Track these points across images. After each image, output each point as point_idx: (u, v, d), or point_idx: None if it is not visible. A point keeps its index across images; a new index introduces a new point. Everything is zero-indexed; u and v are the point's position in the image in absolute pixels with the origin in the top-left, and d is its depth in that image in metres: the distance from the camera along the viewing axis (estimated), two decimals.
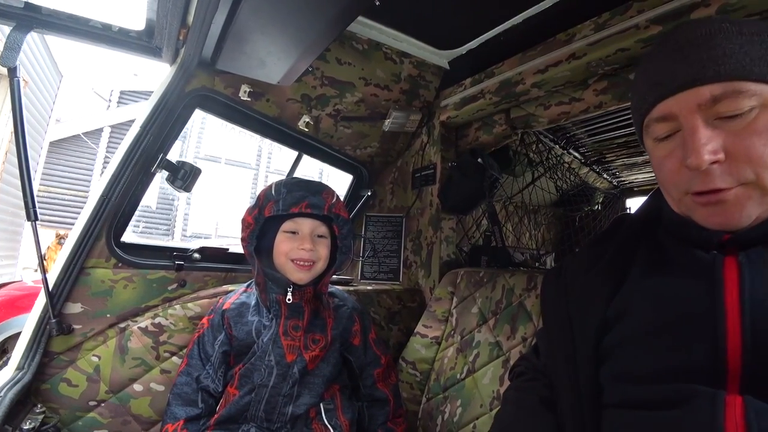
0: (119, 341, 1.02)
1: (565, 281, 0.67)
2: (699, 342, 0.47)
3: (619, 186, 2.73)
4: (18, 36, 0.86)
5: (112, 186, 1.03)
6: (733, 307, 0.46)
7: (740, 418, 0.42)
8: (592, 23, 1.03)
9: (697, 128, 0.48)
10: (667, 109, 0.51)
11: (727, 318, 0.45)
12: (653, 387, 0.50)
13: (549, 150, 1.93)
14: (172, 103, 1.09)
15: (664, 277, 0.55)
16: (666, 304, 0.52)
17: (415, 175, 1.64)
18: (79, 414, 0.96)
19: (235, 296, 1.05)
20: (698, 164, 0.47)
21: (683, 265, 0.53)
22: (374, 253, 1.67)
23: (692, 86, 0.48)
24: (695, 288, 0.50)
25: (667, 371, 0.49)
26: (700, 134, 0.48)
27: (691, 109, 0.49)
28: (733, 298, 0.46)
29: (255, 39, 0.93)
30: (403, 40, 1.34)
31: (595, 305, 0.59)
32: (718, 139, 0.48)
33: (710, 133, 0.48)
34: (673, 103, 0.50)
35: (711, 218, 0.51)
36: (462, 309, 1.27)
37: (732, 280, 0.47)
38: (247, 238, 0.99)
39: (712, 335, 0.46)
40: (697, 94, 0.48)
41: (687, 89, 0.49)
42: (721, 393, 0.44)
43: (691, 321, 0.49)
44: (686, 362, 0.48)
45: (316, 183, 1.03)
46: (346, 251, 1.05)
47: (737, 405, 0.43)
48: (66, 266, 0.98)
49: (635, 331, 0.54)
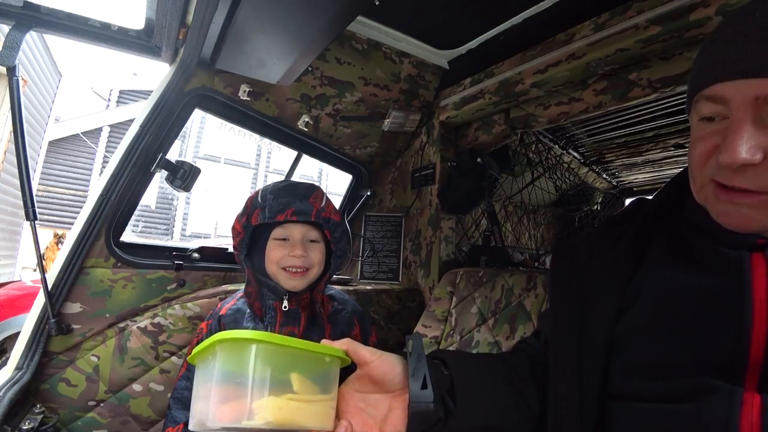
0: (118, 341, 1.02)
1: (578, 259, 0.62)
2: (721, 337, 0.46)
3: (618, 186, 2.73)
4: (17, 35, 0.86)
5: (112, 185, 1.03)
6: (761, 303, 0.44)
7: (756, 417, 0.41)
8: (592, 23, 1.03)
9: (744, 122, 0.43)
10: (721, 91, 0.45)
11: (755, 313, 0.44)
12: (667, 381, 0.49)
13: (548, 150, 1.93)
14: (172, 102, 1.09)
15: (687, 268, 0.52)
16: (686, 296, 0.50)
17: (414, 174, 1.64)
18: (78, 414, 0.96)
19: (231, 302, 1.03)
20: (731, 162, 0.43)
21: (708, 258, 0.51)
22: (373, 252, 1.67)
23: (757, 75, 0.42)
24: (720, 283, 0.48)
25: (683, 365, 0.48)
26: (744, 130, 0.43)
27: (746, 100, 0.43)
28: (761, 295, 0.45)
29: (254, 38, 0.92)
30: (403, 39, 1.34)
31: (612, 288, 0.56)
32: (762, 139, 0.43)
33: (756, 132, 0.43)
34: (730, 88, 0.44)
35: (725, 217, 0.48)
36: (461, 309, 1.27)
37: (761, 276, 0.45)
38: (237, 247, 0.97)
39: (737, 332, 0.45)
40: (760, 85, 0.42)
41: (750, 77, 0.42)
42: (738, 390, 0.43)
43: (714, 316, 0.47)
44: (705, 357, 0.47)
45: (304, 186, 0.98)
46: (341, 255, 1.01)
47: (755, 403, 0.42)
48: (65, 266, 0.98)
49: (650, 321, 0.52)
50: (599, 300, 0.57)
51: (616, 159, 2.21)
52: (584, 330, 0.56)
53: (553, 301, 0.65)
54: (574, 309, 0.59)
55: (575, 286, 0.60)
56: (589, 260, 0.61)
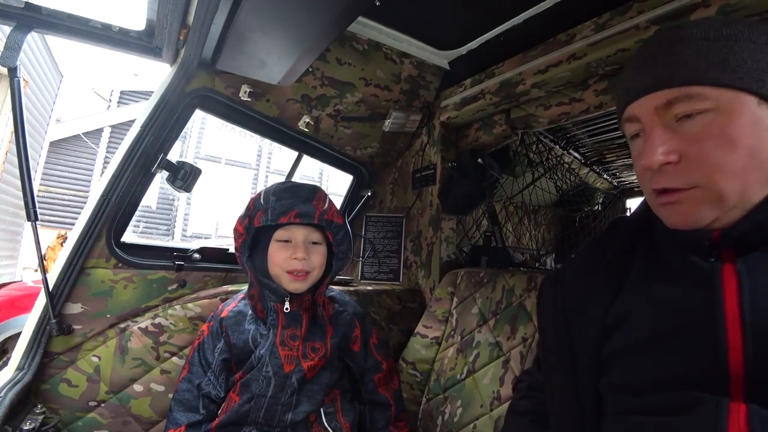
0: (119, 341, 1.02)
1: (562, 287, 0.65)
2: (700, 351, 0.47)
3: (619, 186, 2.73)
4: (18, 36, 0.86)
5: (113, 186, 1.03)
6: (734, 315, 0.45)
7: (743, 426, 0.42)
8: (593, 24, 1.03)
9: (653, 130, 0.52)
10: (632, 111, 0.55)
11: (728, 327, 0.45)
12: (655, 396, 0.49)
13: (549, 150, 1.93)
14: (173, 103, 1.09)
15: (664, 284, 0.54)
16: (666, 311, 0.52)
17: (415, 175, 1.64)
18: (79, 414, 0.96)
19: (233, 304, 1.03)
20: (649, 164, 0.51)
21: (681, 272, 0.53)
22: (374, 253, 1.67)
23: (651, 91, 0.52)
24: (695, 296, 0.49)
25: (669, 380, 0.49)
26: (654, 136, 0.51)
27: (650, 112, 0.52)
28: (732, 307, 0.46)
29: (255, 39, 0.93)
30: (403, 40, 1.34)
31: (595, 311, 0.58)
32: (673, 142, 0.50)
33: (667, 136, 0.50)
34: (636, 107, 0.54)
35: (670, 218, 0.53)
36: (462, 309, 1.27)
37: (731, 288, 0.47)
38: (239, 248, 0.96)
39: (714, 344, 0.46)
40: (655, 98, 0.51)
41: (646, 94, 0.52)
42: (725, 400, 0.44)
43: (692, 329, 0.48)
44: (689, 371, 0.48)
45: (306, 188, 0.98)
46: (343, 257, 1.02)
47: (741, 413, 0.42)
48: (66, 266, 0.98)
49: (635, 339, 0.53)
50: (584, 323, 0.59)
51: (617, 159, 2.20)
52: (576, 355, 0.58)
53: (543, 332, 0.68)
54: (563, 336, 0.61)
55: (561, 314, 0.62)
56: (573, 285, 0.64)
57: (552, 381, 0.62)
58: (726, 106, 0.48)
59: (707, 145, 0.48)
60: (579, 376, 0.57)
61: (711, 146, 0.48)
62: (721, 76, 0.47)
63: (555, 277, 0.68)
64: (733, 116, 0.47)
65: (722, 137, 0.47)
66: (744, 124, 0.47)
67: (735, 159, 0.47)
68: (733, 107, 0.47)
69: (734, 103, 0.47)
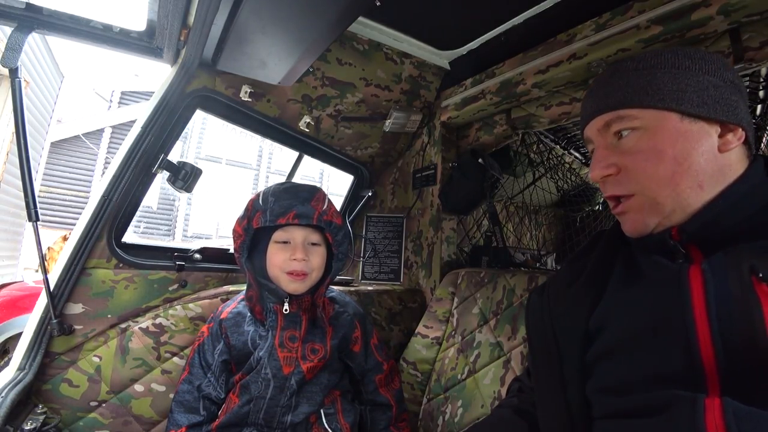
0: (120, 342, 1.02)
1: (547, 299, 0.69)
2: (674, 349, 0.49)
3: None
4: (19, 37, 0.87)
5: (113, 186, 1.03)
6: (701, 313, 0.48)
7: (719, 420, 0.43)
8: (593, 23, 1.03)
9: (598, 148, 0.62)
10: (587, 133, 0.65)
11: (697, 325, 0.48)
12: (636, 396, 0.52)
13: (550, 150, 1.93)
14: (173, 103, 1.09)
15: (638, 288, 0.58)
16: (640, 314, 0.55)
17: (415, 175, 1.64)
18: (80, 414, 0.96)
19: (232, 305, 1.03)
20: (593, 177, 0.61)
21: (653, 275, 0.57)
22: (375, 253, 1.67)
23: (594, 116, 0.62)
24: (666, 296, 0.53)
25: (647, 380, 0.51)
26: (597, 153, 0.61)
27: (595, 134, 0.62)
28: (700, 306, 0.48)
29: (256, 39, 0.93)
30: (404, 40, 1.34)
31: (578, 319, 0.62)
32: (612, 157, 0.59)
33: (606, 153, 0.60)
34: (587, 129, 0.64)
35: (624, 226, 0.61)
36: (463, 309, 1.27)
37: (698, 288, 0.49)
38: (238, 249, 0.96)
39: (685, 342, 0.48)
40: (597, 122, 0.61)
41: (592, 119, 0.62)
42: (701, 396, 0.46)
43: (665, 329, 0.51)
44: (665, 370, 0.50)
45: (305, 189, 0.97)
46: (342, 258, 1.01)
47: (716, 407, 0.44)
48: (67, 267, 0.98)
49: (615, 343, 0.56)
50: (569, 332, 0.63)
51: None
52: (563, 363, 0.62)
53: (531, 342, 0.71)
54: (551, 346, 0.64)
55: (548, 323, 0.66)
56: (558, 297, 0.68)
57: (542, 389, 0.65)
58: (651, 123, 0.56)
59: (639, 157, 0.56)
60: (567, 383, 0.60)
61: (642, 158, 0.56)
62: (645, 99, 0.56)
63: (541, 288, 0.73)
64: (658, 131, 0.55)
65: (650, 150, 0.55)
66: (668, 137, 0.55)
67: (663, 168, 0.54)
68: (657, 124, 0.56)
69: (658, 120, 0.56)
